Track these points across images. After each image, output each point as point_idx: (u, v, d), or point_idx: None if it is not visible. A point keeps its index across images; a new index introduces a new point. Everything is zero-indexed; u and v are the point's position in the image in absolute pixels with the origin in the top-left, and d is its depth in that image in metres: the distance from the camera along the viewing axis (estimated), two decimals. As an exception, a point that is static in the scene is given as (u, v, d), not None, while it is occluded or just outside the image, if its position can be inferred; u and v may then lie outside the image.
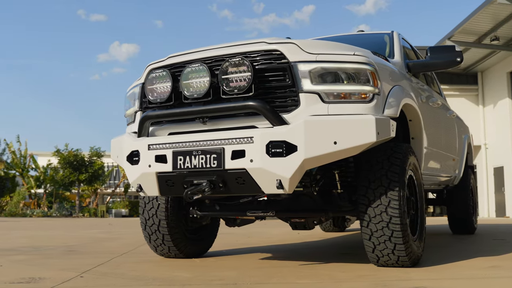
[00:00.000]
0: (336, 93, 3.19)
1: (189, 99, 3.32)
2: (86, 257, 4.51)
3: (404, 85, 3.91)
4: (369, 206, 3.38)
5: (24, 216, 23.50)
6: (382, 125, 3.17)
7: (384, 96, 3.37)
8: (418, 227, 3.79)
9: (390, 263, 3.49)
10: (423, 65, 4.42)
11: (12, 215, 23.80)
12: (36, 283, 3.09)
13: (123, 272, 3.52)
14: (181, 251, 4.26)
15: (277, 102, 3.19)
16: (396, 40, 4.68)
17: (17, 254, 4.87)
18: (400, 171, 3.43)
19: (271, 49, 3.25)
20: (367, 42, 4.95)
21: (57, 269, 3.74)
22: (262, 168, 3.03)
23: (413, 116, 4.00)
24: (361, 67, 3.24)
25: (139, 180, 3.47)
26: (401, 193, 3.36)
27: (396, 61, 4.29)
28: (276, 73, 3.20)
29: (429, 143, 4.55)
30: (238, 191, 3.22)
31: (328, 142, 3.04)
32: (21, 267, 3.85)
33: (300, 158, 3.00)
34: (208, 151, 3.19)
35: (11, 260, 4.34)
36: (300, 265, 3.81)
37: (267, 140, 3.04)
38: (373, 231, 3.39)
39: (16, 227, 11.07)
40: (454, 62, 4.34)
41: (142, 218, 4.22)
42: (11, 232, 9.12)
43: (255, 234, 7.27)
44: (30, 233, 8.70)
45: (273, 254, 4.66)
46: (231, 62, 3.18)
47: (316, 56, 3.21)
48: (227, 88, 3.19)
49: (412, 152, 3.70)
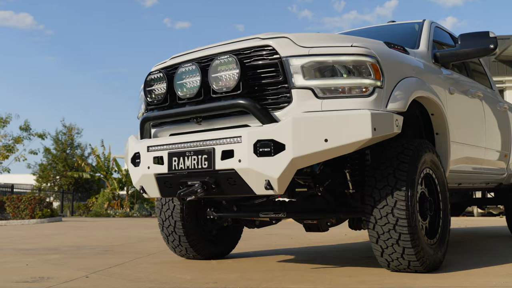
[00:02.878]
0: (332, 88, 3.01)
1: (183, 100, 3.28)
2: (114, 257, 4.60)
3: (424, 76, 3.64)
4: (374, 207, 3.17)
5: (108, 216, 24.62)
6: (381, 120, 2.96)
7: (389, 89, 3.14)
8: (440, 230, 3.51)
9: (402, 268, 3.25)
10: (452, 55, 4.10)
11: (97, 215, 25.00)
12: (39, 282, 3.18)
13: (130, 273, 3.54)
14: (198, 253, 4.23)
15: (270, 100, 3.07)
16: (424, 29, 4.38)
17: (53, 253, 5.07)
18: (409, 169, 3.18)
19: (263, 45, 3.13)
20: (395, 33, 4.69)
21: (74, 268, 3.83)
22: (250, 168, 2.92)
23: (435, 110, 3.71)
24: (360, 59, 3.05)
25: (141, 181, 3.47)
26: (409, 192, 3.12)
27: (420, 51, 4.01)
28: (268, 69, 3.08)
29: (462, 138, 4.21)
30: (231, 192, 3.13)
31: (318, 140, 2.87)
32: (42, 266, 3.98)
33: (288, 157, 2.86)
34: (200, 151, 3.13)
35: (41, 259, 4.51)
36: (312, 268, 3.66)
37: (254, 139, 2.92)
38: (380, 234, 3.17)
39: (86, 227, 11.59)
40: (487, 50, 3.99)
41: (159, 219, 4.23)
42: (75, 231, 9.55)
43: (298, 236, 7.11)
44: (91, 232, 9.07)
45: (296, 256, 4.52)
46: (220, 60, 3.10)
47: (309, 50, 3.05)
48: (217, 87, 3.11)
49: (429, 149, 3.44)
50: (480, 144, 4.64)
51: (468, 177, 4.61)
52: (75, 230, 10.18)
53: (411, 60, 3.65)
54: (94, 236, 8.02)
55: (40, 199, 15.95)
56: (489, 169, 5.02)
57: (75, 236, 8.07)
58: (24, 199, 15.54)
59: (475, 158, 4.57)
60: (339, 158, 3.51)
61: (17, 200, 15.54)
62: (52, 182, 32.17)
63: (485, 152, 4.79)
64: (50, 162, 32.12)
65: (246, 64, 3.10)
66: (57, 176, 32.10)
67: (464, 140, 4.25)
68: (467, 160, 4.42)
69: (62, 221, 15.72)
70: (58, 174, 32.08)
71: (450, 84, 4.12)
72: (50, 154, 32.00)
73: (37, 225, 13.00)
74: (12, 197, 15.82)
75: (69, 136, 32.95)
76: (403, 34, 4.51)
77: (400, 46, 3.71)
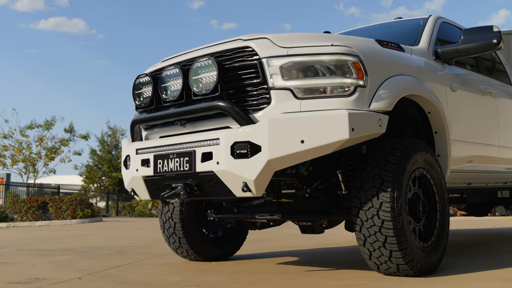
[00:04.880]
0: (312, 88, 2.96)
1: (167, 103, 3.30)
2: (122, 258, 4.67)
3: (419, 74, 3.53)
4: (360, 208, 3.09)
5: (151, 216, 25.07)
6: (360, 120, 2.88)
7: (373, 88, 3.06)
8: (436, 232, 3.39)
9: (392, 272, 3.16)
10: (454, 51, 3.95)
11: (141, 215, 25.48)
12: (31, 283, 3.27)
13: (123, 275, 3.60)
14: (199, 254, 4.25)
15: (250, 101, 3.04)
16: (427, 25, 4.24)
17: (67, 254, 5.20)
18: (396, 170, 3.09)
19: (243, 46, 3.11)
20: (399, 30, 4.57)
21: (74, 270, 3.92)
22: (227, 170, 2.91)
23: (432, 108, 3.59)
24: (341, 58, 2.98)
25: (131, 184, 3.52)
26: (395, 194, 3.02)
27: (419, 48, 3.89)
28: (248, 70, 3.06)
29: (468, 136, 4.06)
30: (214, 194, 3.12)
31: (294, 141, 2.83)
32: (45, 267, 4.09)
33: (264, 159, 2.83)
34: (182, 154, 3.14)
35: (50, 260, 4.64)
36: (305, 271, 3.61)
37: (232, 141, 2.91)
38: (366, 236, 3.09)
39: (121, 227, 11.85)
40: (490, 45, 3.84)
41: (160, 221, 4.28)
42: (105, 231, 9.79)
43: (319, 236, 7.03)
44: (120, 233, 9.26)
45: (300, 258, 4.47)
46: (199, 63, 3.10)
47: (288, 50, 3.00)
48: (197, 90, 3.11)
49: (421, 148, 3.33)
50: (492, 142, 4.45)
51: (479, 176, 4.43)
52: (106, 230, 10.42)
53: (404, 57, 3.54)
54: (120, 236, 8.19)
55: (81, 199, 16.42)
56: (506, 168, 4.81)
57: (101, 236, 8.26)
58: (65, 200, 16.03)
59: (486, 156, 4.39)
60: (332, 159, 3.46)
61: (59, 201, 16.05)
62: (98, 183, 33.05)
63: (499, 150, 4.59)
64: (96, 163, 33.01)
65: (226, 66, 3.09)
66: (103, 177, 32.96)
67: (470, 138, 4.09)
68: (476, 159, 4.25)
69: (102, 221, 16.12)
70: (103, 175, 32.94)
71: (452, 81, 3.97)
72: (96, 156, 32.88)
73: (77, 225, 13.39)
74: (54, 198, 16.35)
75: (114, 138, 33.76)
76: (407, 30, 4.39)
77: (395, 44, 3.61)
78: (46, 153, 24.51)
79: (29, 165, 24.45)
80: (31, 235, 9.09)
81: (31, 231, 10.49)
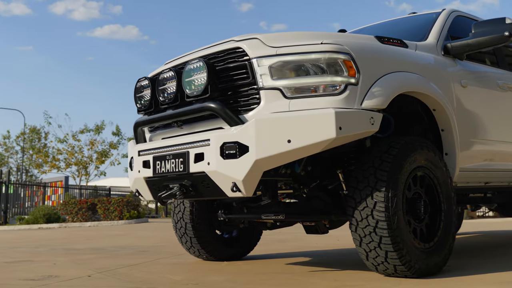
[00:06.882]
0: (301, 87, 2.95)
1: (164, 105, 3.37)
2: (141, 257, 4.79)
3: (423, 70, 3.45)
4: (356, 208, 3.06)
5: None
6: (348, 118, 2.85)
7: (366, 85, 3.02)
8: (440, 233, 3.30)
9: (390, 272, 3.10)
10: (464, 45, 3.83)
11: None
12: (41, 280, 3.41)
13: (132, 273, 3.69)
14: (211, 254, 4.30)
15: (241, 102, 3.07)
16: (439, 20, 4.12)
17: (93, 253, 5.38)
18: (392, 169, 3.03)
19: (234, 47, 3.13)
20: (410, 26, 4.46)
21: (89, 268, 4.05)
22: (217, 171, 2.94)
23: (437, 105, 3.49)
24: (331, 56, 2.96)
25: (135, 185, 3.61)
26: (390, 193, 2.97)
27: (426, 44, 3.80)
28: (239, 71, 3.08)
29: (482, 134, 3.93)
30: (208, 194, 3.16)
31: (281, 141, 2.83)
32: (64, 266, 4.25)
33: (251, 159, 2.84)
34: (177, 155, 3.20)
35: (73, 259, 4.82)
36: (308, 271, 3.60)
37: (221, 142, 2.94)
38: (362, 237, 3.05)
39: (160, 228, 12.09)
40: (502, 38, 3.70)
41: (172, 221, 4.36)
42: (142, 232, 10.03)
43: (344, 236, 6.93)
44: (154, 233, 9.47)
45: (312, 259, 4.44)
46: (191, 65, 3.15)
47: (277, 50, 3.01)
48: (189, 91, 3.16)
49: (422, 146, 3.25)
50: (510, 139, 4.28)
51: (497, 175, 4.27)
52: (144, 231, 10.67)
53: (406, 53, 3.47)
54: (152, 237, 8.37)
55: (128, 201, 16.87)
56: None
57: (135, 237, 8.47)
58: (113, 202, 16.53)
59: (505, 154, 4.23)
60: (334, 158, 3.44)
61: (107, 202, 16.56)
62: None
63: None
64: (146, 166, 33.80)
65: (218, 68, 3.13)
66: (153, 179, 33.70)
67: (485, 135, 3.95)
68: (493, 157, 4.10)
69: (148, 222, 16.50)
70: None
71: (463, 77, 3.85)
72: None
73: (123, 226, 13.78)
74: (102, 200, 16.89)
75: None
76: (418, 26, 4.28)
77: (397, 40, 3.54)
78: (97, 157, 25.33)
79: (81, 168, 25.35)
80: (72, 235, 9.44)
81: (76, 231, 10.88)
